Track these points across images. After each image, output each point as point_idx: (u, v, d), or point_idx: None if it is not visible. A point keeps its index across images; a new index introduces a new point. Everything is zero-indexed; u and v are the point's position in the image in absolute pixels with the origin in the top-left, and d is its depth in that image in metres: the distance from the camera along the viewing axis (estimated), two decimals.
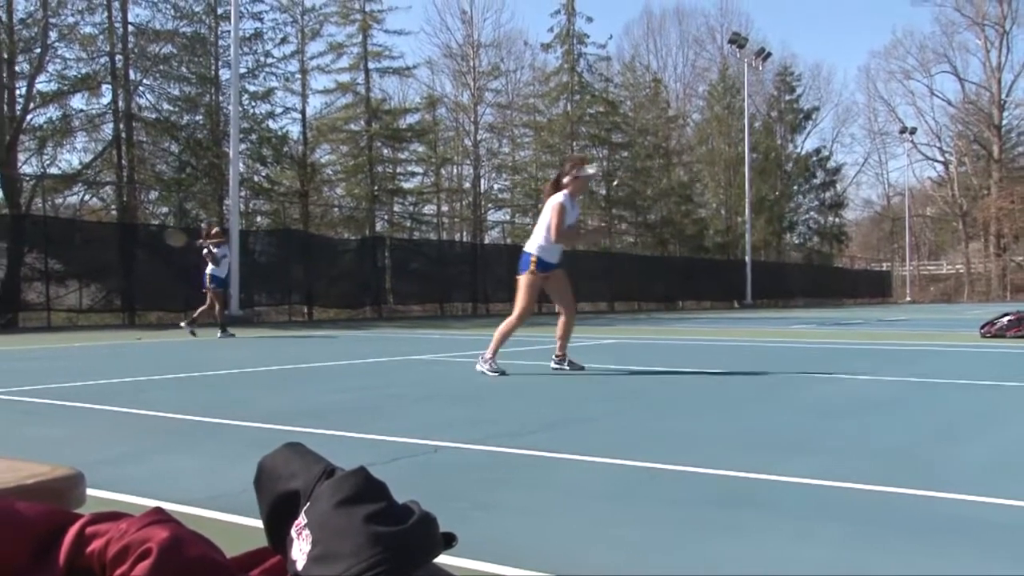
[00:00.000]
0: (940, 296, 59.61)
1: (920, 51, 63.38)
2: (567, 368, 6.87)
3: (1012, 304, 30.93)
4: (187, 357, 9.12)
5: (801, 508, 2.54)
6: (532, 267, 6.76)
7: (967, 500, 2.60)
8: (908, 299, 55.77)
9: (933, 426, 4.15)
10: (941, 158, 64.17)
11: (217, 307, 13.16)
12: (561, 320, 6.94)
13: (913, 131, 57.10)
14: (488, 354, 6.65)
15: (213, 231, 13.86)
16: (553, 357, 7.00)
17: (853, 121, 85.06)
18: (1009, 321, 11.91)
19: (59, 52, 22.12)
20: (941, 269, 65.27)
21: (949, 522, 2.37)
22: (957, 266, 62.69)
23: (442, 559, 0.94)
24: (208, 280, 13.16)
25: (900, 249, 63.27)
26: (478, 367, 6.64)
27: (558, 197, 6.78)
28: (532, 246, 6.84)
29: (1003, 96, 58.49)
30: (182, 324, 13.11)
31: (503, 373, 6.50)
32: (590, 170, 7.17)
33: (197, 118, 25.11)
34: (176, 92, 24.59)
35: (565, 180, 6.85)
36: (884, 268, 64.58)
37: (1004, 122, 58.83)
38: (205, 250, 13.06)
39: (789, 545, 2.14)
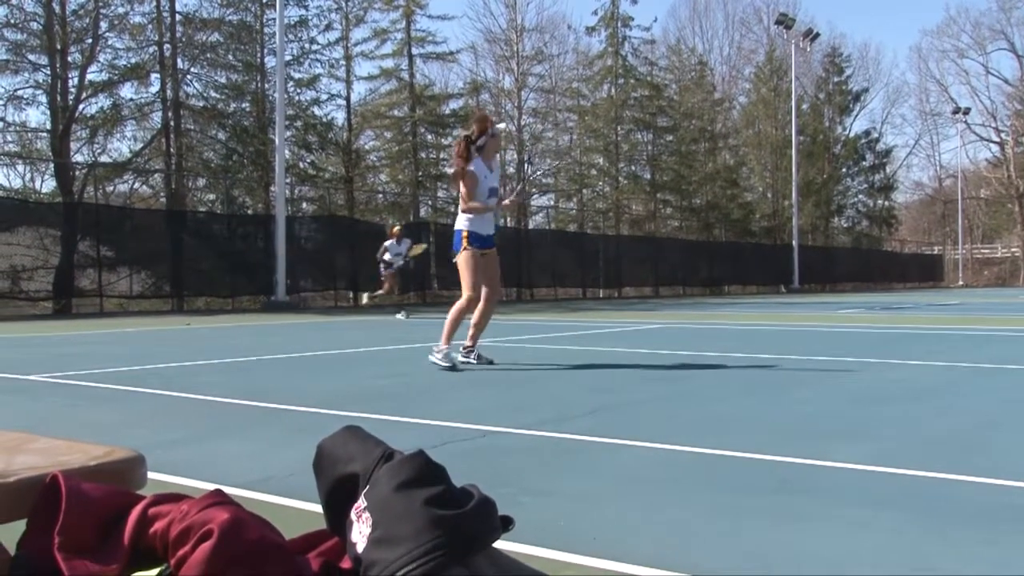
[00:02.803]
0: (995, 280, 58.29)
1: (975, 28, 61.69)
2: (474, 361, 6.30)
3: None
4: (235, 343, 9.25)
5: (856, 495, 2.50)
6: (465, 243, 6.26)
7: (1019, 487, 2.54)
8: (960, 283, 54.63)
9: (988, 412, 4.06)
10: (996, 138, 62.52)
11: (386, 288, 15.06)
12: (479, 307, 6.35)
13: (967, 111, 55.80)
14: (441, 344, 6.20)
15: (394, 230, 15.69)
16: (461, 348, 6.39)
17: (904, 102, 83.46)
18: None
19: (109, 42, 22.53)
20: (996, 252, 63.76)
21: (1007, 510, 2.32)
22: (1013, 249, 61.14)
23: (499, 544, 0.94)
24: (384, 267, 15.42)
25: (952, 232, 61.93)
26: (431, 358, 6.19)
27: (470, 165, 6.25)
28: (461, 221, 6.36)
29: None
30: (399, 316, 14.37)
31: (455, 367, 6.05)
32: (497, 127, 6.46)
33: (243, 105, 25.40)
34: (223, 80, 24.91)
35: (481, 142, 6.29)
36: (936, 252, 63.29)
37: None
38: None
39: (846, 533, 2.11)
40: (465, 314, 6.34)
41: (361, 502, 0.90)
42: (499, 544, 1.02)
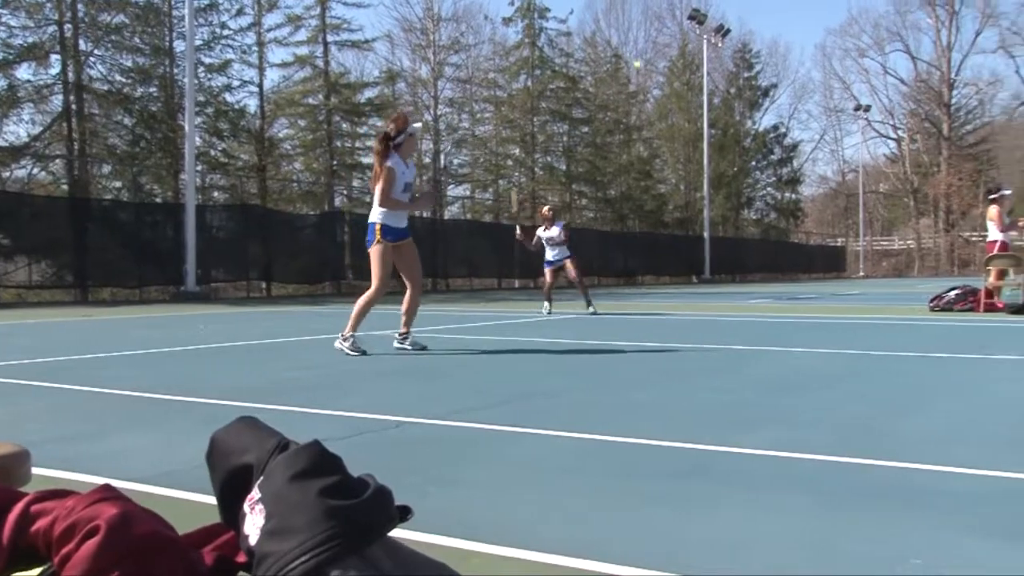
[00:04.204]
0: (892, 271, 60.71)
1: (875, 29, 64.41)
2: (409, 348, 6.54)
3: (959, 279, 31.54)
4: (141, 334, 8.99)
5: (760, 479, 2.58)
6: (378, 236, 6.37)
7: (917, 469, 2.66)
8: (861, 274, 56.70)
9: (886, 397, 4.23)
10: (894, 135, 65.16)
11: (547, 283, 12.70)
12: (407, 295, 6.54)
13: (867, 108, 57.84)
14: (347, 331, 6.36)
15: (544, 211, 13.07)
16: (396, 336, 6.63)
17: (809, 98, 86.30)
18: (956, 295, 12.20)
19: (3, 19, 21.50)
20: (893, 244, 66.41)
21: (906, 491, 2.42)
22: (908, 241, 63.83)
23: (398, 532, 0.93)
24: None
25: (854, 225, 64.21)
26: (336, 344, 6.36)
27: (388, 161, 6.35)
28: (374, 215, 6.45)
29: (952, 75, 59.56)
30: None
31: (364, 353, 6.22)
32: (415, 126, 6.56)
33: (151, 90, 24.58)
34: (129, 63, 24.04)
35: (399, 139, 6.38)
36: (839, 243, 65.52)
37: (953, 101, 59.96)
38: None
39: (751, 516, 2.17)
40: (372, 305, 6.45)
41: (255, 493, 0.88)
42: (402, 533, 1.01)
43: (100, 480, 2.42)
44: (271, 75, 41.79)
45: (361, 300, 6.49)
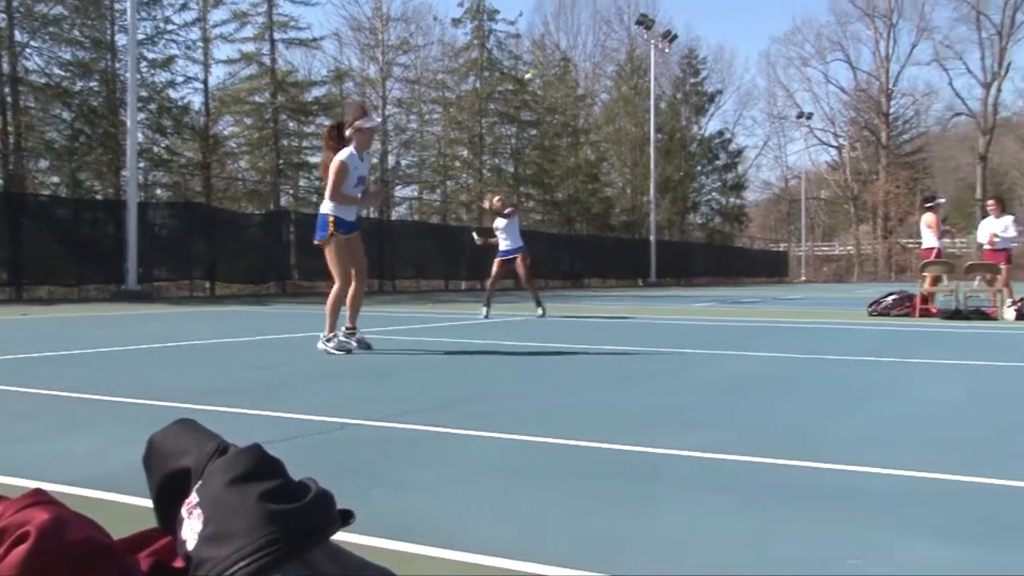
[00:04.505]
0: (832, 276, 62.03)
1: (817, 39, 65.65)
2: (354, 344, 6.54)
3: (897, 284, 32.39)
4: (80, 334, 8.78)
5: (696, 481, 2.61)
6: (331, 228, 6.32)
7: (848, 470, 2.72)
8: (803, 278, 57.78)
9: (821, 400, 4.33)
10: (835, 143, 66.61)
11: (492, 277, 12.22)
12: (352, 288, 6.47)
13: (810, 116, 59.07)
14: (327, 331, 6.37)
15: (495, 201, 12.65)
16: (343, 329, 6.55)
17: (754, 105, 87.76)
18: (893, 300, 12.52)
19: None
20: (834, 250, 67.84)
21: (838, 492, 2.48)
22: (848, 247, 65.26)
23: (340, 536, 0.93)
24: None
25: (796, 230, 65.43)
26: (319, 345, 6.38)
27: (342, 154, 6.27)
28: (327, 206, 6.39)
29: (890, 85, 61.18)
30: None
31: (349, 351, 6.24)
32: (374, 121, 6.59)
33: (91, 84, 24.04)
34: (68, 56, 23.48)
35: (348, 133, 6.32)
36: (781, 248, 66.69)
37: (891, 110, 61.63)
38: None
39: (683, 517, 2.20)
40: (342, 300, 6.40)
41: (193, 498, 0.87)
42: (344, 536, 1.01)
43: (32, 484, 2.36)
44: (216, 72, 41.08)
45: (330, 298, 6.45)
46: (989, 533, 2.09)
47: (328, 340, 6.35)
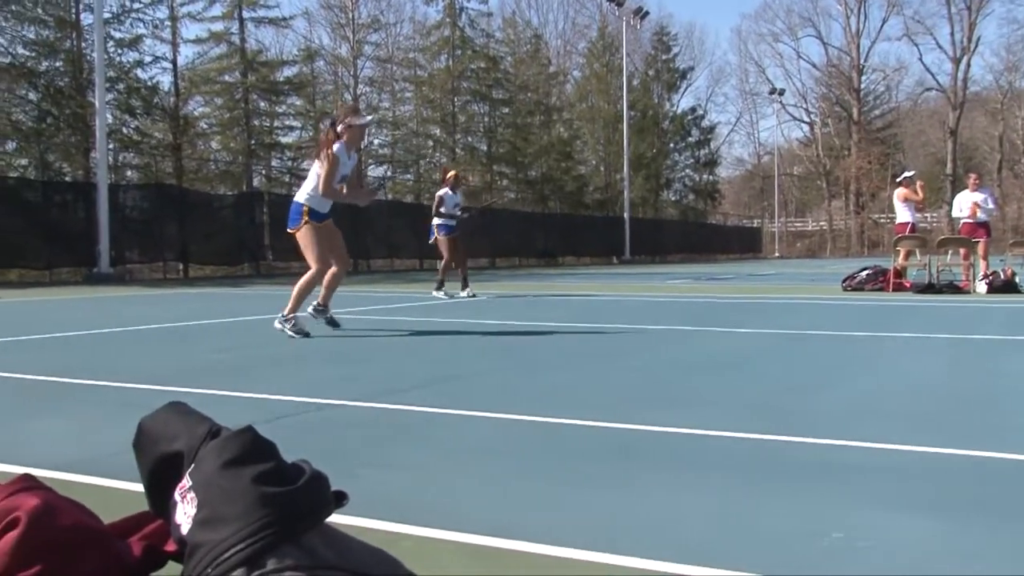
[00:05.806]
0: (805, 252, 62.54)
1: (787, 15, 66.02)
2: (323, 320, 6.57)
3: (870, 259, 32.72)
4: (52, 317, 8.67)
5: (680, 457, 2.63)
6: (305, 217, 6.34)
7: (830, 444, 2.75)
8: (776, 254, 58.23)
9: (798, 375, 4.37)
10: (807, 119, 67.00)
11: (448, 254, 11.87)
12: (331, 271, 6.51)
13: (782, 92, 59.29)
14: (287, 311, 6.33)
15: (449, 175, 12.14)
16: (314, 304, 6.57)
17: (726, 81, 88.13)
18: (867, 275, 12.65)
19: None
20: (807, 226, 68.40)
21: (817, 467, 2.51)
22: (821, 223, 65.82)
23: (333, 518, 0.92)
24: (437, 230, 11.93)
25: (769, 206, 65.87)
26: (276, 324, 6.33)
27: (334, 147, 6.37)
28: (302, 195, 6.42)
29: (861, 61, 61.53)
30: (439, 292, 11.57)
31: (307, 335, 6.20)
32: (365, 119, 6.69)
33: (57, 64, 23.59)
34: (32, 36, 23.02)
35: (340, 128, 6.43)
36: (755, 224, 67.12)
37: (862, 86, 61.99)
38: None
39: (672, 494, 2.22)
40: (314, 286, 6.42)
41: (186, 481, 0.86)
42: (335, 518, 1.00)
43: (17, 469, 2.33)
44: (185, 51, 40.47)
45: (302, 281, 6.43)
46: (971, 505, 2.12)
47: (287, 320, 6.29)
